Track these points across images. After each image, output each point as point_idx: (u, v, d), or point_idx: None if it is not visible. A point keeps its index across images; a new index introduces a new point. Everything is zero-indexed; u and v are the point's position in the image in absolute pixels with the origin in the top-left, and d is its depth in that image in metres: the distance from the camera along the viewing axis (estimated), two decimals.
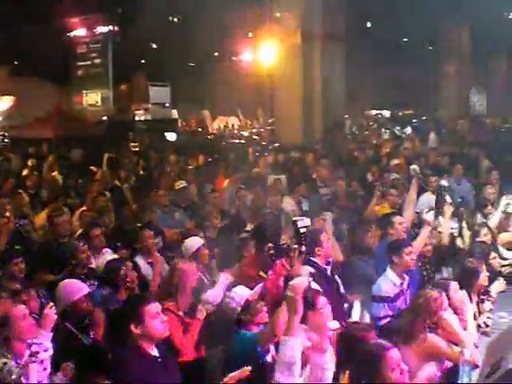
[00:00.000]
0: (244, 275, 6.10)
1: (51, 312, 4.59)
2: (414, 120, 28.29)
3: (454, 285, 5.62)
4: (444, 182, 9.72)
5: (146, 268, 6.95)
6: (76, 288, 5.44)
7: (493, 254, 7.50)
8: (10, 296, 5.28)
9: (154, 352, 4.41)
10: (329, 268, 6.39)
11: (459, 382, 5.03)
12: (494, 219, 8.79)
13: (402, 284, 6.21)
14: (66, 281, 5.72)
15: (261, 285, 5.10)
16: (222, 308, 5.18)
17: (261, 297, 5.09)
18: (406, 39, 31.63)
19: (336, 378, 4.39)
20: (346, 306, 6.15)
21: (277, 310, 4.89)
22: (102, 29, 34.15)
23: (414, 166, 9.69)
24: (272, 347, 4.82)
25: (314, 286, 4.78)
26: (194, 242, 6.75)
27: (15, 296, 5.30)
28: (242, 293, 5.00)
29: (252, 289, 5.12)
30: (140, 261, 7.00)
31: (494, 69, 31.56)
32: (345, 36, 21.44)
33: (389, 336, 4.61)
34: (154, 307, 4.41)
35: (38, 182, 12.61)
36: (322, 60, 20.16)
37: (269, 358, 4.78)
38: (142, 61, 36.95)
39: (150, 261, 7.07)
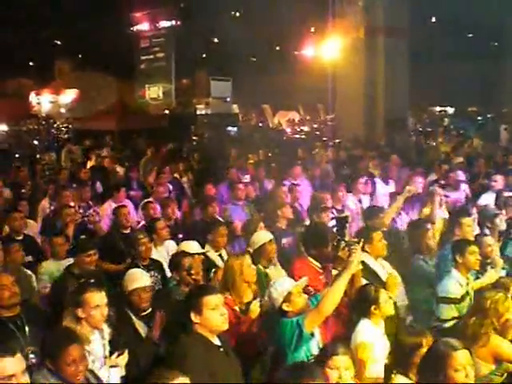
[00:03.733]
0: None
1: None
2: (479, 117, 27.70)
3: None
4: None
5: (217, 262, 6.97)
6: (138, 277, 5.53)
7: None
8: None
9: (216, 341, 4.46)
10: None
11: None
12: None
13: (467, 284, 6.11)
14: (132, 270, 5.84)
15: (305, 278, 5.08)
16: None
17: (304, 289, 5.09)
18: (471, 34, 31.00)
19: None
20: None
21: (322, 292, 4.94)
22: (164, 23, 34.52)
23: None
24: (317, 331, 4.84)
25: None
26: (261, 237, 6.70)
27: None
28: (284, 284, 5.00)
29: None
30: (211, 254, 7.03)
31: None
32: (409, 31, 21.13)
33: (455, 337, 4.53)
34: (214, 299, 4.43)
35: (90, 173, 12.80)
36: (385, 55, 19.96)
37: (314, 343, 4.79)
38: (204, 55, 37.26)
39: (219, 253, 7.13)
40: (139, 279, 5.50)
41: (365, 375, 4.77)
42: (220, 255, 7.11)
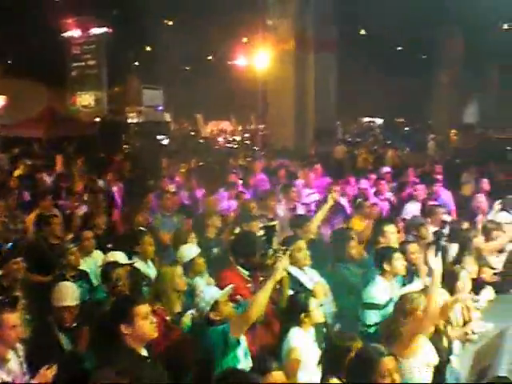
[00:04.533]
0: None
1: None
2: (407, 128, 28.46)
3: None
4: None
5: (146, 272, 6.93)
6: (66, 295, 5.48)
7: (485, 269, 7.53)
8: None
9: (144, 352, 4.46)
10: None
11: None
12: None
13: (392, 291, 6.24)
14: (62, 284, 5.76)
15: (231, 286, 5.13)
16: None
17: (230, 297, 5.14)
18: (400, 48, 31.81)
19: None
20: None
21: (252, 297, 5.01)
22: (96, 30, 34.18)
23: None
24: (243, 338, 4.90)
25: None
26: (191, 251, 6.69)
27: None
28: (211, 293, 5.04)
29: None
30: (140, 265, 6.98)
31: (487, 79, 31.75)
32: (338, 44, 21.57)
33: (378, 342, 4.66)
34: (144, 308, 4.46)
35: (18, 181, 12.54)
36: (315, 67, 20.28)
37: (240, 350, 4.85)
38: (136, 63, 37.01)
39: (147, 264, 7.08)
40: (67, 297, 5.45)
41: (295, 381, 4.84)
42: (148, 265, 7.08)
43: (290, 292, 5.68)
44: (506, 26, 29.70)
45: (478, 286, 6.96)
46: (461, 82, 28.44)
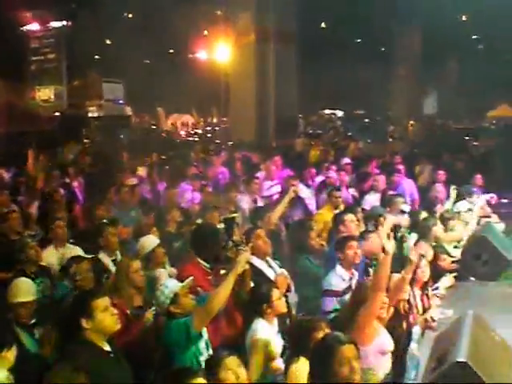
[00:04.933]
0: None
1: None
2: (367, 120, 28.74)
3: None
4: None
5: (110, 265, 6.88)
6: (20, 290, 5.42)
7: (443, 256, 7.68)
8: None
9: (106, 347, 4.45)
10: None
11: (406, 375, 5.18)
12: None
13: (350, 279, 6.33)
14: (17, 280, 5.66)
15: (191, 278, 5.14)
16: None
17: (190, 290, 5.15)
18: (359, 40, 32.04)
19: (287, 366, 4.52)
20: None
21: (213, 290, 5.04)
22: (55, 24, 33.70)
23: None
24: (205, 331, 4.92)
25: None
26: (150, 242, 6.69)
27: None
28: (170, 285, 5.05)
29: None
30: (104, 258, 6.93)
31: (445, 71, 32.19)
32: (298, 36, 21.66)
33: (337, 329, 4.73)
34: (103, 301, 4.45)
35: None
36: (276, 60, 20.34)
37: (203, 343, 4.88)
38: (96, 57, 36.60)
39: (113, 258, 7.03)
40: (21, 293, 5.36)
41: (260, 371, 4.87)
42: (114, 260, 7.03)
43: (252, 284, 5.72)
44: (464, 18, 30.10)
45: (437, 273, 7.12)
46: (419, 74, 28.83)
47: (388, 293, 5.37)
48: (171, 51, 37.28)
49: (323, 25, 29.92)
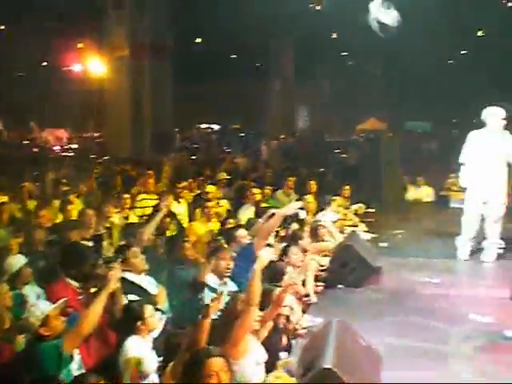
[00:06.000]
0: None
1: None
2: (242, 134, 29.20)
3: None
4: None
5: None
6: None
7: (315, 264, 7.98)
8: None
9: None
10: None
11: None
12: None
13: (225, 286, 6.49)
14: None
15: (64, 300, 5.08)
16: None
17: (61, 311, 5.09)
18: (234, 56, 32.48)
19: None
20: None
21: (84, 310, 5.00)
22: None
23: None
24: (77, 352, 4.88)
25: None
26: (18, 261, 6.54)
27: None
28: (41, 307, 4.98)
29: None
30: None
31: (318, 86, 33.27)
32: (174, 51, 21.73)
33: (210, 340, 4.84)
34: None
35: None
36: (151, 75, 20.29)
37: (75, 365, 4.84)
38: None
39: None
40: None
41: None
42: None
43: (126, 301, 5.70)
44: (334, 35, 31.23)
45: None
46: (293, 89, 29.71)
47: (267, 308, 5.54)
48: (45, 64, 36.23)
49: (198, 40, 30.10)
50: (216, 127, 33.91)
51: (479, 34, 25.98)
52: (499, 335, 6.31)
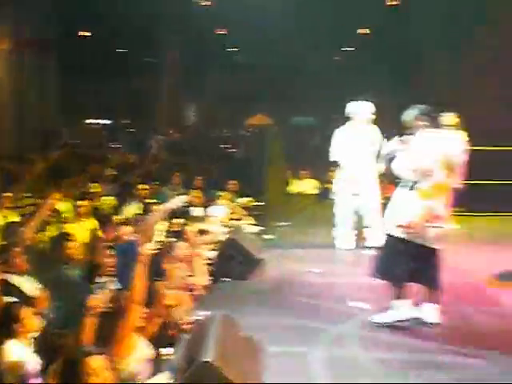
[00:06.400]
0: None
1: None
2: (132, 129, 28.92)
3: None
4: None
5: None
6: None
7: (202, 258, 8.13)
8: None
9: None
10: None
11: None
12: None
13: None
14: None
15: None
16: None
17: None
18: (123, 50, 31.92)
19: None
20: None
21: None
22: None
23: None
24: None
25: None
26: None
27: None
28: None
29: None
30: None
31: (207, 81, 33.25)
32: (59, 46, 21.19)
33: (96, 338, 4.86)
34: None
35: None
36: (33, 68, 19.70)
37: None
38: None
39: None
40: None
41: None
42: None
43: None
44: (223, 31, 31.28)
45: None
46: (183, 85, 29.69)
47: (153, 304, 5.59)
48: None
49: (87, 34, 29.39)
50: (104, 123, 33.28)
51: (363, 31, 26.75)
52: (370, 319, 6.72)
